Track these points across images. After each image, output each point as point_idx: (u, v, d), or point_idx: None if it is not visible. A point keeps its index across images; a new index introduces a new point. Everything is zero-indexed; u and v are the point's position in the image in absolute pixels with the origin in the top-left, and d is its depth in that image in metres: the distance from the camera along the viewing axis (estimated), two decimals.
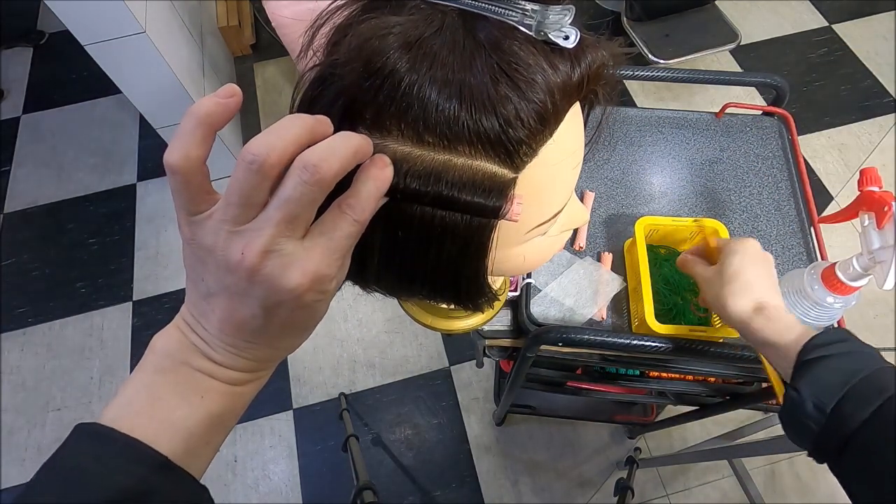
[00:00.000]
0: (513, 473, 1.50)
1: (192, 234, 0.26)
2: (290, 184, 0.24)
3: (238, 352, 0.28)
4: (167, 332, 0.29)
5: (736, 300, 0.55)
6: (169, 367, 0.28)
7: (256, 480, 1.51)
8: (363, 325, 1.70)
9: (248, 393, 0.31)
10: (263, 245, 0.24)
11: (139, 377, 0.28)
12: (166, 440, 0.27)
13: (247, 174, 0.24)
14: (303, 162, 0.24)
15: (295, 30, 1.23)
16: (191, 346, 0.28)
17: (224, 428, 0.30)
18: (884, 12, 2.22)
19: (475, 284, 0.35)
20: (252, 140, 0.24)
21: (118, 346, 1.70)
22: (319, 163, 0.24)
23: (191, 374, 0.28)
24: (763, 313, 0.53)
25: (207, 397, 0.29)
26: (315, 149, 0.25)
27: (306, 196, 0.24)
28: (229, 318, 0.27)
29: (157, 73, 1.45)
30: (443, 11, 0.29)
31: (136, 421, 0.27)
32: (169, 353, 0.28)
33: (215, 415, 0.29)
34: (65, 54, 2.29)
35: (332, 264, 0.26)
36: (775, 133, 0.88)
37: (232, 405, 0.30)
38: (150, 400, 0.28)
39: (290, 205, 0.24)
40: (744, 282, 0.55)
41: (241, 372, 0.29)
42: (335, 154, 0.25)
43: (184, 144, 0.24)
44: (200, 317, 0.28)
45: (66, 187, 1.99)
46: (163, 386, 0.28)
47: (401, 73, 0.27)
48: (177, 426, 0.28)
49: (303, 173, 0.24)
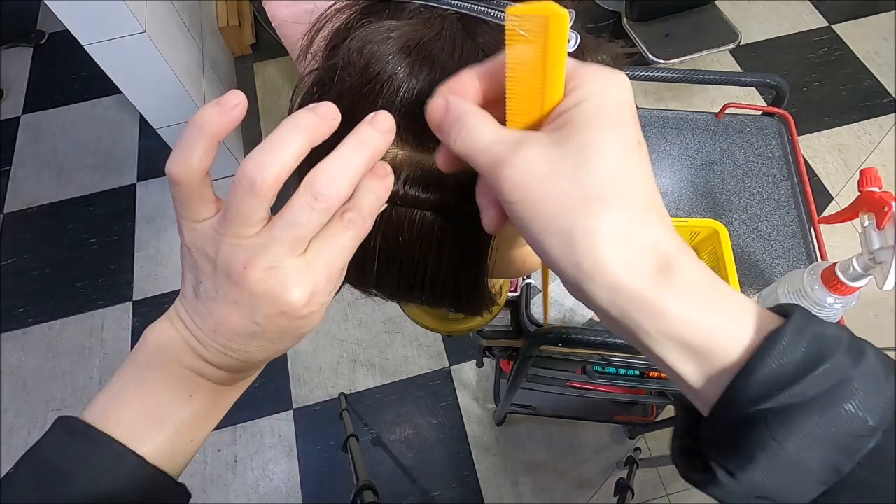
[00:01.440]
0: (513, 473, 1.50)
1: (193, 239, 0.26)
2: (296, 207, 0.24)
3: (230, 353, 0.28)
4: (160, 326, 0.29)
5: (621, 246, 0.22)
6: (160, 362, 0.28)
7: (256, 480, 1.51)
8: (363, 325, 1.70)
9: (235, 393, 0.31)
10: (267, 262, 0.24)
11: (130, 370, 0.28)
12: (151, 437, 0.27)
13: (244, 197, 0.23)
14: (311, 189, 0.24)
15: (295, 30, 1.23)
16: (183, 344, 0.28)
17: (208, 426, 0.31)
18: (884, 12, 2.22)
19: (475, 289, 0.35)
20: (248, 158, 0.23)
21: (118, 346, 1.70)
22: (327, 190, 0.24)
23: (182, 371, 0.28)
24: (674, 277, 0.23)
25: (196, 396, 0.29)
26: (324, 170, 0.24)
27: (313, 221, 0.24)
28: (225, 323, 0.27)
29: (157, 73, 1.44)
30: (442, 16, 0.29)
31: (124, 415, 0.27)
32: (160, 349, 0.28)
33: (201, 413, 0.29)
34: (65, 54, 2.28)
35: (333, 278, 0.26)
36: (775, 133, 0.88)
37: (217, 404, 0.30)
38: (139, 394, 0.28)
39: (296, 229, 0.24)
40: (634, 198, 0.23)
41: (230, 372, 0.29)
42: (344, 175, 0.24)
43: (186, 155, 0.24)
44: (195, 316, 0.28)
45: (66, 187, 1.99)
46: (153, 381, 0.28)
47: (400, 78, 0.27)
48: (163, 422, 0.28)
49: (311, 201, 0.24)
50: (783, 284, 0.67)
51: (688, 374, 0.23)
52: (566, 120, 0.23)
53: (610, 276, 0.22)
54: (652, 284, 0.22)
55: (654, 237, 0.23)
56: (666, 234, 0.23)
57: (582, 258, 0.22)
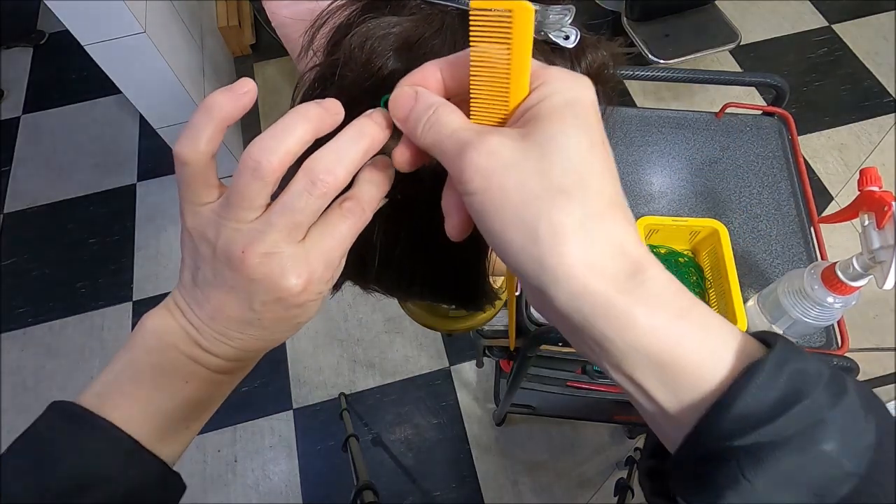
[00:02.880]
0: (513, 473, 1.50)
1: (195, 223, 0.26)
2: (294, 192, 0.24)
3: (227, 341, 0.28)
4: (157, 312, 0.29)
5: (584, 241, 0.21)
6: (156, 348, 0.28)
7: (256, 480, 1.51)
8: (363, 325, 1.70)
9: (231, 382, 0.31)
10: (265, 247, 0.24)
11: (127, 356, 0.29)
12: (146, 423, 0.27)
13: (248, 179, 0.24)
14: (309, 174, 0.24)
15: (295, 30, 1.23)
16: (180, 331, 0.28)
17: (203, 414, 0.31)
18: (884, 12, 2.22)
19: (475, 284, 0.35)
20: (254, 142, 0.24)
21: (118, 346, 1.67)
22: (325, 175, 0.24)
23: (178, 357, 0.28)
24: (645, 285, 0.22)
25: (191, 383, 0.29)
26: (322, 157, 0.24)
27: (310, 207, 0.24)
28: (223, 310, 0.27)
29: (157, 73, 1.45)
30: (443, 12, 0.29)
31: (119, 400, 0.27)
32: (158, 335, 0.28)
33: (196, 401, 0.29)
34: (65, 54, 2.28)
35: (331, 266, 0.26)
36: (775, 133, 0.88)
37: (214, 392, 0.30)
38: (134, 379, 0.28)
39: (294, 214, 0.24)
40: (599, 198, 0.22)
41: (227, 360, 0.29)
42: (342, 162, 0.24)
43: (194, 137, 0.24)
44: (193, 303, 0.28)
45: (66, 187, 1.99)
46: (148, 367, 0.28)
47: (401, 74, 0.27)
48: (157, 409, 0.28)
49: (309, 186, 0.24)
50: (783, 284, 0.67)
51: (655, 393, 0.21)
52: (531, 115, 0.22)
53: (574, 276, 0.20)
54: (620, 291, 0.21)
55: (620, 238, 0.21)
56: (632, 236, 0.22)
57: (545, 254, 0.21)
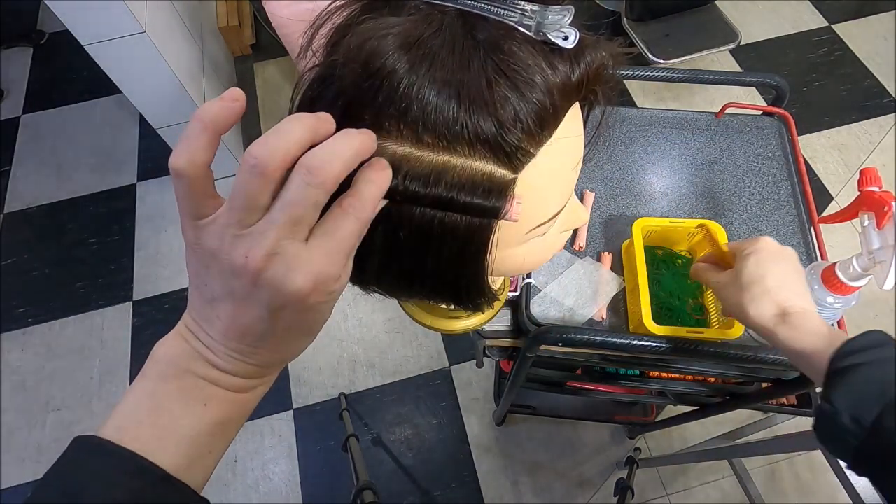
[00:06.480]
0: (513, 473, 1.50)
1: (197, 237, 0.26)
2: (292, 186, 0.24)
3: (242, 357, 0.28)
4: (169, 339, 0.29)
5: (757, 308, 0.51)
6: (172, 374, 0.28)
7: (256, 480, 1.51)
8: (363, 325, 1.70)
9: (252, 400, 0.31)
10: (267, 248, 0.24)
11: (142, 385, 0.28)
12: (169, 451, 0.27)
13: (250, 177, 0.24)
14: (305, 164, 0.24)
15: (295, 30, 1.23)
16: (194, 354, 0.28)
17: (227, 436, 0.30)
18: (884, 12, 2.22)
19: (475, 285, 0.35)
20: (255, 143, 0.24)
21: (118, 346, 1.70)
22: (322, 165, 0.24)
23: (194, 381, 0.28)
24: (787, 320, 0.49)
25: (211, 405, 0.28)
26: (317, 151, 0.25)
27: (309, 199, 0.24)
28: (234, 323, 0.26)
29: (157, 73, 1.45)
30: (442, 12, 0.29)
31: (139, 431, 0.27)
32: (172, 361, 0.28)
33: (218, 423, 0.29)
34: (65, 54, 2.29)
35: (336, 265, 0.26)
36: (775, 133, 0.88)
37: (235, 412, 0.30)
38: (153, 408, 0.27)
39: (293, 207, 0.24)
40: (763, 287, 0.51)
41: (244, 378, 0.29)
42: (337, 155, 0.25)
43: (189, 148, 0.24)
44: (204, 323, 0.27)
45: (66, 187, 1.99)
46: (166, 394, 0.28)
47: (400, 74, 0.27)
48: (180, 436, 0.27)
49: (306, 176, 0.24)
50: None
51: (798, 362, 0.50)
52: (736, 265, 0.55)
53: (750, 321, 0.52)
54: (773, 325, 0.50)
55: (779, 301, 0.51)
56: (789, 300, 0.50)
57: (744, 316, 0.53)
